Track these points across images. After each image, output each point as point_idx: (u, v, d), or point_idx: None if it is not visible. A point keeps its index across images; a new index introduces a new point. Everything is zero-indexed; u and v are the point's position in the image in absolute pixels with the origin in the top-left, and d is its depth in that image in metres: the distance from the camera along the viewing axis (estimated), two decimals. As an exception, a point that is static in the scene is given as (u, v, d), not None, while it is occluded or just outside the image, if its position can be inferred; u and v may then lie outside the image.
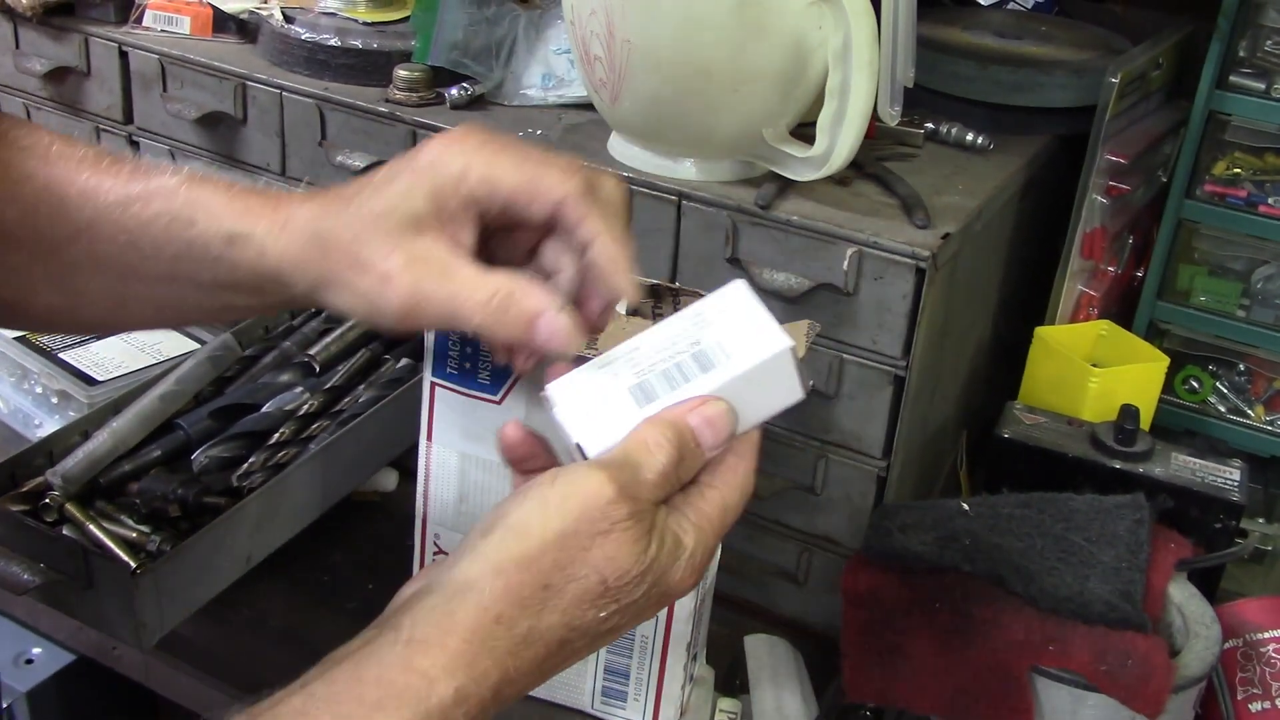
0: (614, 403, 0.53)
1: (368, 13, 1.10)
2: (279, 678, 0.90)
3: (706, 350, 0.54)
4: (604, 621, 0.50)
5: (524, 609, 0.48)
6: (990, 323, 1.07)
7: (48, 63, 1.18)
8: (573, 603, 0.49)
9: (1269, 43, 0.97)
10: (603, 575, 0.49)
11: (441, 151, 0.55)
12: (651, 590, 0.51)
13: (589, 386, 0.54)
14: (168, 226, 0.57)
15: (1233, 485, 0.87)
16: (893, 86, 0.88)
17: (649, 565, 0.50)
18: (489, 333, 0.54)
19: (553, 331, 0.54)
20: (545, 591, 0.49)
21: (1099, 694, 0.72)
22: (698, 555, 0.52)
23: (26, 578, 0.83)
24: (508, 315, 0.53)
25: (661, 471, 0.51)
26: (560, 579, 0.49)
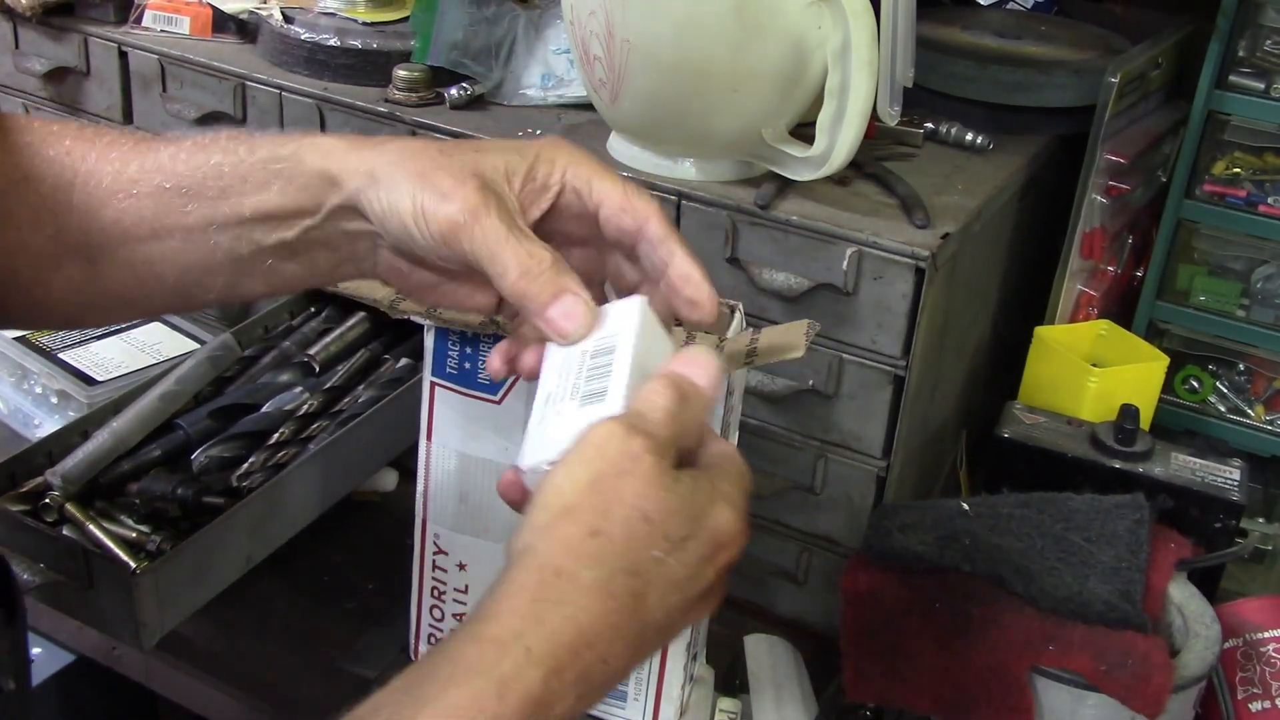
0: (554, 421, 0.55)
1: (367, 13, 1.10)
2: (279, 677, 0.91)
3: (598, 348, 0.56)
4: (664, 565, 0.50)
5: (580, 558, 0.48)
6: (990, 322, 1.07)
7: (47, 63, 1.18)
8: (625, 545, 0.49)
9: (1268, 42, 0.97)
10: (643, 510, 0.49)
11: (555, 144, 0.60)
12: (700, 531, 0.51)
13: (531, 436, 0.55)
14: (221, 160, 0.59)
15: (1232, 485, 0.87)
16: (892, 86, 0.88)
17: (686, 499, 0.51)
18: (513, 288, 0.56)
19: (569, 314, 0.56)
20: (595, 538, 0.49)
21: (1099, 694, 0.72)
22: (736, 500, 0.53)
23: (26, 578, 0.83)
24: (539, 279, 0.55)
25: (666, 408, 0.52)
26: (604, 523, 0.49)
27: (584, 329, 0.56)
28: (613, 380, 0.54)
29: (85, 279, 0.62)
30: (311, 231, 0.60)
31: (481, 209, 0.56)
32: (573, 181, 0.59)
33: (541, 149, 0.60)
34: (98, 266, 0.61)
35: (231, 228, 0.60)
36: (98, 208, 0.60)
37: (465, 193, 0.56)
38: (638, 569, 0.49)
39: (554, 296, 0.56)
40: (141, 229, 0.61)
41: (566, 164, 0.59)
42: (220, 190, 0.60)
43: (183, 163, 0.60)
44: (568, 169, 0.59)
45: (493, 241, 0.55)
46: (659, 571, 0.50)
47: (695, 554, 0.51)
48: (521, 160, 0.59)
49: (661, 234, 0.59)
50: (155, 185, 0.60)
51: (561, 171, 0.59)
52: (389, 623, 0.92)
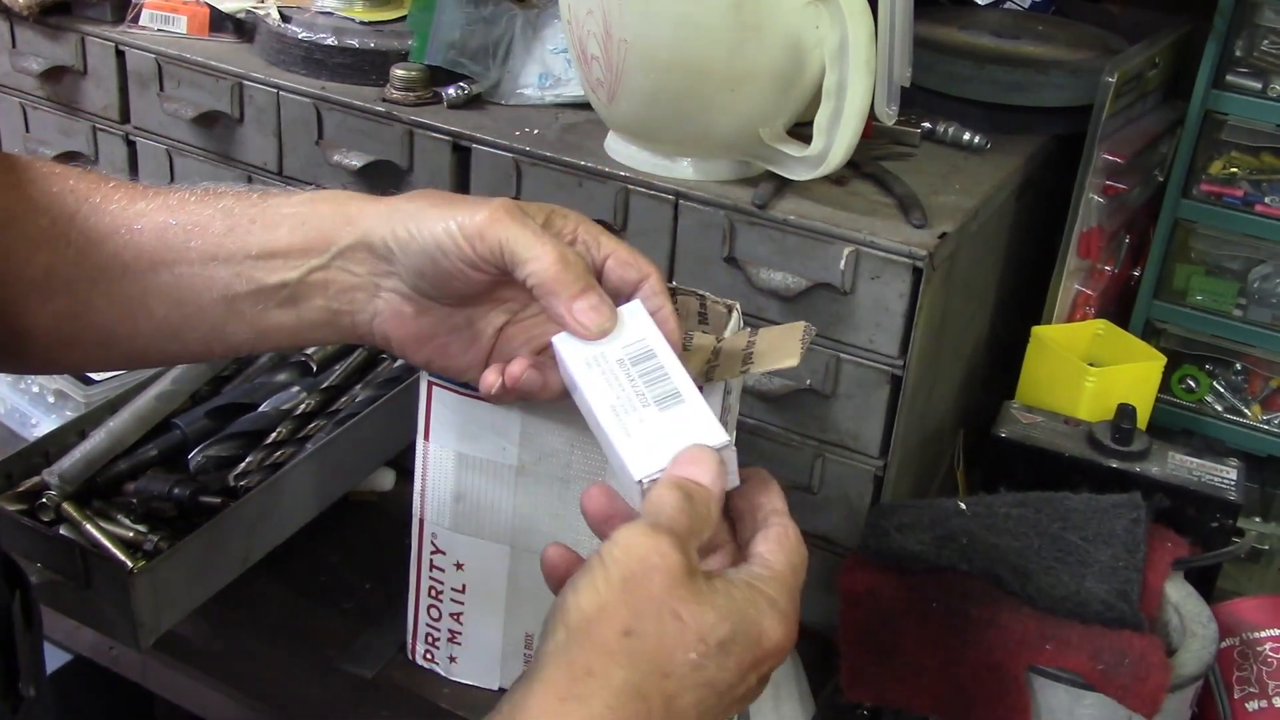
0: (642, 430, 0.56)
1: (364, 12, 1.10)
2: (276, 677, 0.91)
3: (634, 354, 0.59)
4: (702, 671, 0.49)
5: (612, 658, 0.47)
6: (987, 322, 1.07)
7: (44, 62, 1.18)
8: (658, 644, 0.48)
9: (1265, 42, 0.97)
10: (673, 608, 0.49)
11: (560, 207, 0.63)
12: (740, 635, 0.50)
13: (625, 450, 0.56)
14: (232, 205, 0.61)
15: (1229, 484, 0.87)
16: (890, 86, 0.88)
17: (722, 600, 0.50)
18: (543, 279, 0.57)
19: (596, 306, 0.58)
20: (628, 639, 0.48)
21: (1096, 693, 0.72)
22: (784, 607, 0.52)
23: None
24: (571, 270, 0.58)
25: (677, 506, 0.52)
26: (638, 622, 0.48)
27: (608, 324, 0.58)
28: (676, 380, 0.57)
29: (73, 313, 0.62)
30: (315, 273, 0.61)
31: (515, 210, 0.59)
32: (584, 235, 0.62)
33: (554, 207, 0.63)
34: (89, 300, 0.62)
35: (234, 263, 0.61)
36: (97, 242, 0.61)
37: (494, 204, 0.59)
38: (671, 670, 0.48)
39: (582, 290, 0.58)
40: (140, 263, 0.61)
41: (578, 221, 0.62)
42: (228, 228, 0.61)
43: (192, 203, 0.62)
44: (580, 225, 0.62)
45: (529, 233, 0.58)
46: (695, 676, 0.49)
47: (736, 660, 0.50)
48: (539, 210, 0.62)
49: (658, 289, 0.62)
50: (160, 221, 0.61)
51: (575, 225, 0.62)
52: (386, 622, 0.92)
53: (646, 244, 0.91)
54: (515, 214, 0.59)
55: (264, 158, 1.08)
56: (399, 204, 0.61)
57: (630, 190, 0.91)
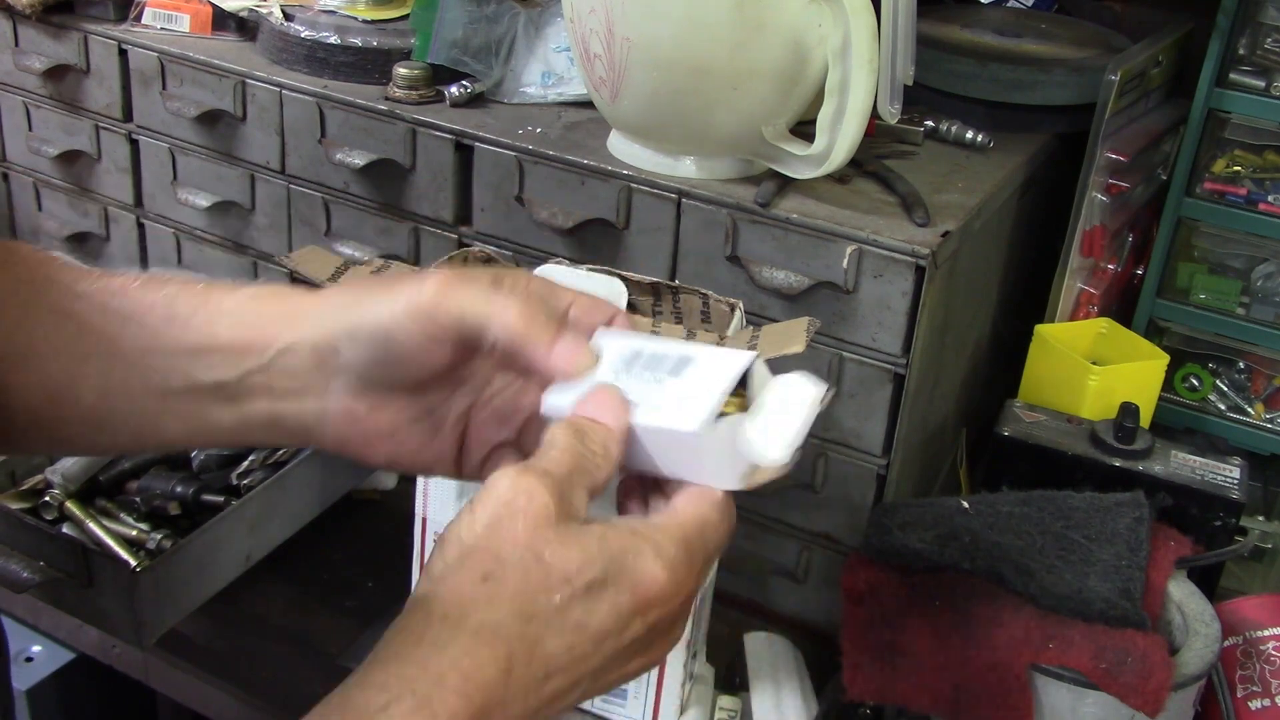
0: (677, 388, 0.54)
1: (367, 10, 1.10)
2: (278, 676, 0.91)
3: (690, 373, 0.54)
4: (567, 612, 0.47)
5: (469, 603, 0.46)
6: (990, 320, 1.07)
7: (47, 61, 1.18)
8: (518, 588, 0.47)
9: (1269, 40, 0.97)
10: (535, 550, 0.47)
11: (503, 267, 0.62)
12: (612, 578, 0.48)
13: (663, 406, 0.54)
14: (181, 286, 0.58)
15: (1232, 483, 0.87)
16: (892, 84, 0.88)
17: (593, 544, 0.48)
18: (512, 332, 0.54)
19: (571, 353, 0.55)
20: (486, 583, 0.47)
21: (1099, 692, 0.72)
22: (670, 552, 0.50)
23: (26, 576, 0.83)
24: (538, 318, 0.54)
25: (561, 446, 0.50)
26: (497, 566, 0.47)
27: (587, 363, 0.55)
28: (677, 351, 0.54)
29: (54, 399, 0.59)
30: (254, 375, 0.57)
31: (462, 276, 0.55)
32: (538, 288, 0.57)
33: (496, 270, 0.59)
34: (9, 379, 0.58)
35: (168, 357, 0.58)
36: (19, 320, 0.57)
37: (438, 275, 0.55)
38: (534, 613, 0.47)
39: (557, 334, 0.55)
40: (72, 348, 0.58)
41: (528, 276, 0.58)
42: (166, 318, 0.58)
43: (134, 290, 0.58)
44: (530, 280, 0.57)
45: (484, 294, 0.55)
46: (561, 619, 0.47)
47: (611, 604, 0.48)
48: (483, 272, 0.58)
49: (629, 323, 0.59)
50: (98, 305, 0.58)
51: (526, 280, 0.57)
52: (389, 621, 0.92)
53: (649, 242, 0.91)
54: (463, 279, 0.55)
55: (266, 156, 1.08)
56: (337, 295, 0.58)
57: (633, 189, 0.91)
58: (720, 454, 0.52)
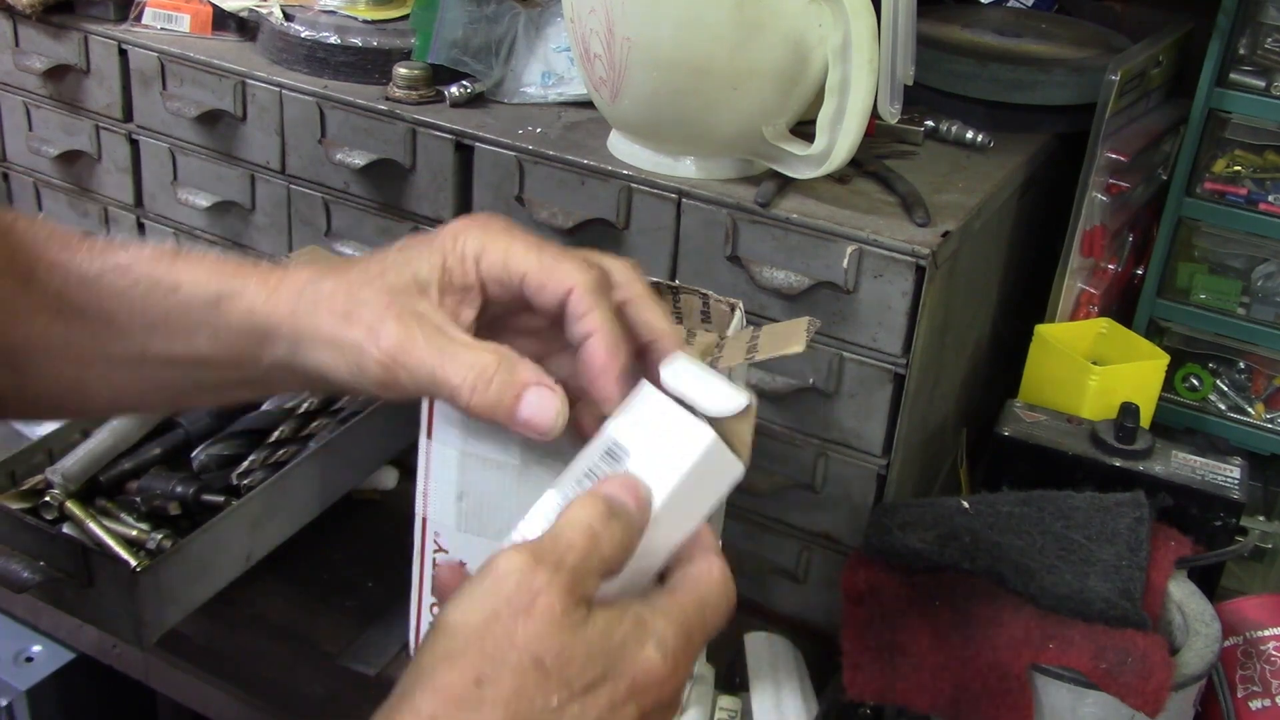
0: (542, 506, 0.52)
1: (367, 10, 1.10)
2: (279, 676, 0.91)
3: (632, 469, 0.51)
4: (561, 712, 0.45)
5: (459, 708, 0.44)
6: (990, 320, 1.07)
7: (47, 61, 1.18)
8: (513, 693, 0.44)
9: (1269, 40, 0.97)
10: (536, 655, 0.45)
11: (461, 230, 0.55)
12: (611, 673, 0.46)
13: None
14: (146, 294, 0.55)
15: (1232, 483, 0.87)
16: (892, 84, 0.88)
17: (597, 641, 0.46)
18: (471, 405, 0.52)
19: (539, 409, 0.52)
20: (479, 687, 0.44)
21: (1099, 692, 0.72)
22: (670, 640, 0.48)
23: (27, 576, 0.83)
24: (492, 387, 0.51)
25: (585, 530, 0.48)
26: (491, 669, 0.44)
27: (560, 418, 0.52)
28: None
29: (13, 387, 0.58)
30: (253, 377, 0.57)
31: (407, 342, 0.52)
32: (490, 272, 0.54)
33: (448, 246, 0.54)
34: (25, 378, 0.58)
35: (164, 365, 0.57)
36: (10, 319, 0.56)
37: (385, 331, 0.52)
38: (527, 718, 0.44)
39: (515, 398, 0.51)
40: (68, 352, 0.57)
41: (477, 254, 0.54)
42: (147, 326, 0.56)
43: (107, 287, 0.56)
44: (480, 260, 0.54)
45: (430, 363, 0.52)
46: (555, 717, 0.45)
47: (608, 695, 0.46)
48: (430, 267, 0.54)
49: (583, 308, 0.53)
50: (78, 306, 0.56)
51: (474, 265, 0.54)
52: (389, 621, 0.92)
53: (649, 242, 0.91)
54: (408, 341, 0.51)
55: (266, 156, 1.08)
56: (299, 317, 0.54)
57: (633, 189, 0.91)
58: None
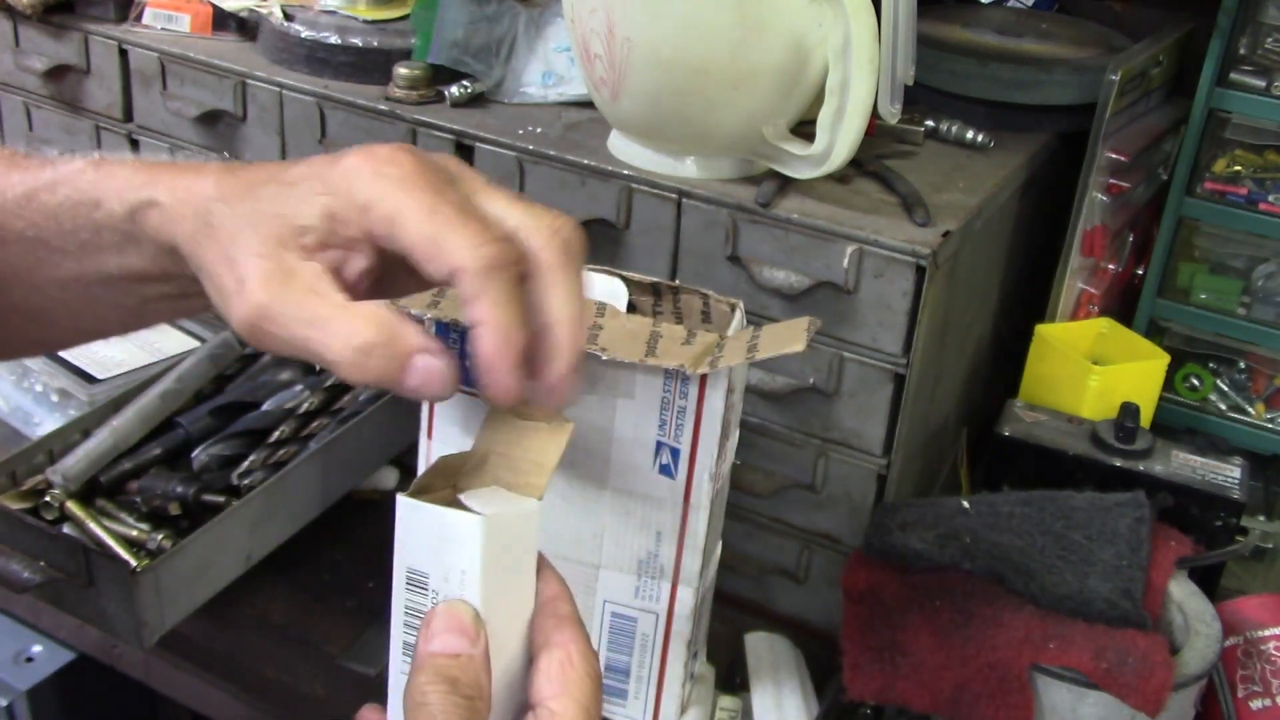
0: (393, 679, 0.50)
1: (368, 10, 1.10)
2: (279, 676, 0.91)
3: (440, 590, 0.48)
4: None
5: None
6: (990, 320, 1.07)
7: (47, 61, 1.18)
8: None
9: (1269, 40, 0.97)
10: None
11: (357, 171, 0.49)
12: None
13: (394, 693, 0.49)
14: (73, 212, 0.52)
15: (1233, 483, 0.87)
16: (893, 84, 0.88)
17: None
18: (353, 380, 0.47)
19: (426, 376, 0.47)
20: None
21: (1099, 691, 0.72)
22: None
23: (27, 576, 0.83)
24: (373, 360, 0.46)
25: (439, 708, 0.45)
26: None
27: (450, 385, 0.48)
28: None
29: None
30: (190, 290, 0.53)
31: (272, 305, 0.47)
32: (377, 229, 0.48)
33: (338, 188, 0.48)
34: None
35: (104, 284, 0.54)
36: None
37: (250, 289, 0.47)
38: None
39: (401, 369, 0.47)
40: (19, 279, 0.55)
41: (365, 205, 0.48)
42: (79, 246, 0.53)
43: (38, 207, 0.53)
44: (367, 212, 0.48)
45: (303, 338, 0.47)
46: None
47: None
48: (313, 212, 0.48)
49: (470, 293, 0.47)
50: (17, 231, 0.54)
51: (359, 219, 0.48)
52: (389, 621, 0.92)
53: (649, 242, 0.91)
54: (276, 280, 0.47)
55: (267, 156, 1.08)
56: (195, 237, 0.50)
57: (633, 189, 0.91)
58: None
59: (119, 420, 0.95)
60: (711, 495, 0.74)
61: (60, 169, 0.54)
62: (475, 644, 0.46)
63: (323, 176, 0.49)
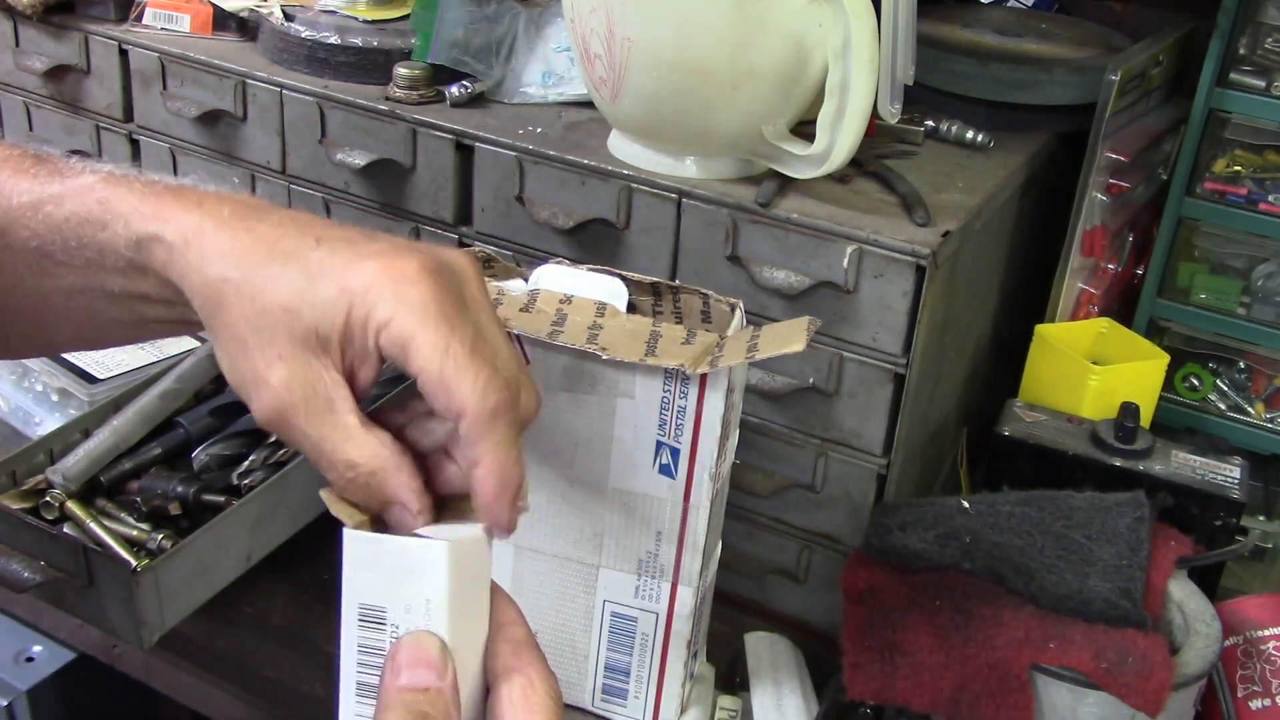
0: None
1: (368, 10, 1.10)
2: (279, 675, 0.91)
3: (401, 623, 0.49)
4: None
5: None
6: (990, 320, 1.07)
7: (48, 61, 1.18)
8: None
9: (1269, 40, 0.97)
10: None
11: (379, 288, 0.49)
12: None
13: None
14: (79, 229, 0.53)
15: (1233, 483, 0.87)
16: (893, 84, 0.88)
17: None
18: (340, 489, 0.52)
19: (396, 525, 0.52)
20: None
21: (1099, 691, 0.72)
22: None
23: (27, 576, 0.83)
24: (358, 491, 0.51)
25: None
26: None
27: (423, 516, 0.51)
28: None
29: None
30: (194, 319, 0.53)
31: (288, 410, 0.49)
32: (387, 350, 0.49)
33: (356, 302, 0.49)
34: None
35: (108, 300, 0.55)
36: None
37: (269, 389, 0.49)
38: None
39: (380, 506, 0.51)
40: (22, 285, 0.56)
41: (380, 326, 0.49)
42: (84, 263, 0.54)
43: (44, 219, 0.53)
44: (380, 334, 0.49)
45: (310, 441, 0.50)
46: None
47: None
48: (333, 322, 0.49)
49: (472, 435, 0.49)
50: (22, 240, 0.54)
51: (375, 335, 0.49)
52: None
53: (649, 242, 0.91)
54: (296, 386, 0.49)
55: (267, 156, 1.08)
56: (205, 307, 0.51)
57: (633, 189, 0.91)
58: None
59: (119, 420, 0.95)
60: (711, 495, 0.74)
61: (68, 182, 0.54)
62: (444, 676, 0.47)
63: (344, 282, 0.49)
